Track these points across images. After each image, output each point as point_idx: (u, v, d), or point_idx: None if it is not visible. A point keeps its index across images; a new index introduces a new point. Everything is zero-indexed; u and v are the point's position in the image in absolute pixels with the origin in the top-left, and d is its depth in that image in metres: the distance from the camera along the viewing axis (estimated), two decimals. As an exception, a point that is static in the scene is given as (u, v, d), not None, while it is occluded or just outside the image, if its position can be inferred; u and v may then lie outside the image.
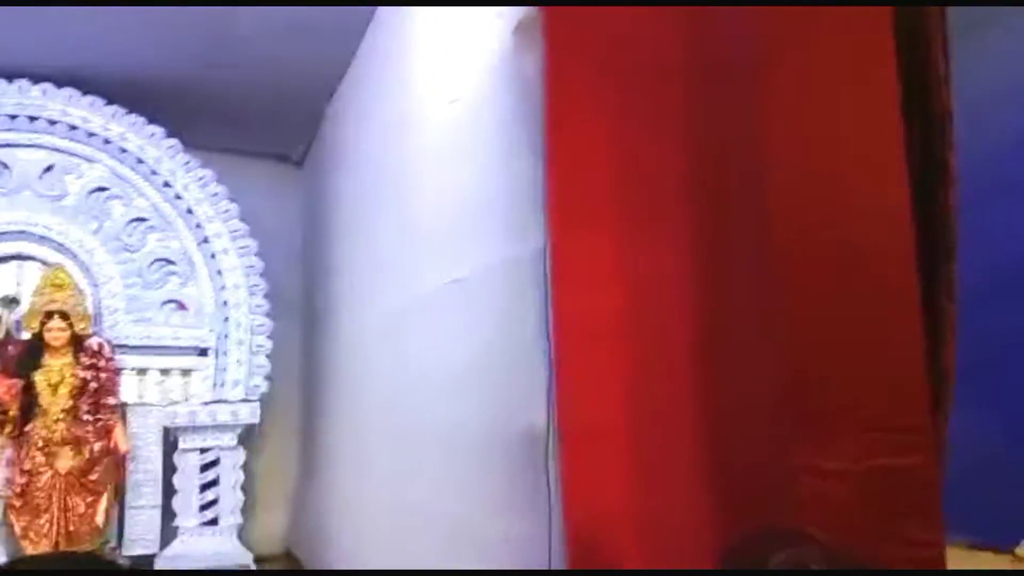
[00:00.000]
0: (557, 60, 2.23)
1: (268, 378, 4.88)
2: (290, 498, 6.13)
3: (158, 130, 4.80)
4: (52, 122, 4.57)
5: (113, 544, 4.44)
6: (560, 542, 2.04)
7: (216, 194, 4.87)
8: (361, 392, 4.27)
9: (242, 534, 5.06)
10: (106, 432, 4.31)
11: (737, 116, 1.94)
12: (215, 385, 4.69)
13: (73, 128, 4.62)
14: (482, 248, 2.63)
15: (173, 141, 4.82)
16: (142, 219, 4.76)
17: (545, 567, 2.06)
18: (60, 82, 4.59)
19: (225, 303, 4.79)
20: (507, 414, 2.41)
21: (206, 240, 4.81)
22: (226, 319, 4.77)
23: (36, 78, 4.54)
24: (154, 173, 4.76)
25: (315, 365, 5.74)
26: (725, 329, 2.02)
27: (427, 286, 3.12)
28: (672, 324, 2.07)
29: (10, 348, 4.30)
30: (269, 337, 4.92)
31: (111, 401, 4.37)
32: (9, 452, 4.17)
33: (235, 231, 4.88)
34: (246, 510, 5.66)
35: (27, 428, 4.21)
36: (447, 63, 3.06)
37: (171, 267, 4.78)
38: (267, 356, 4.87)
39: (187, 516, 4.51)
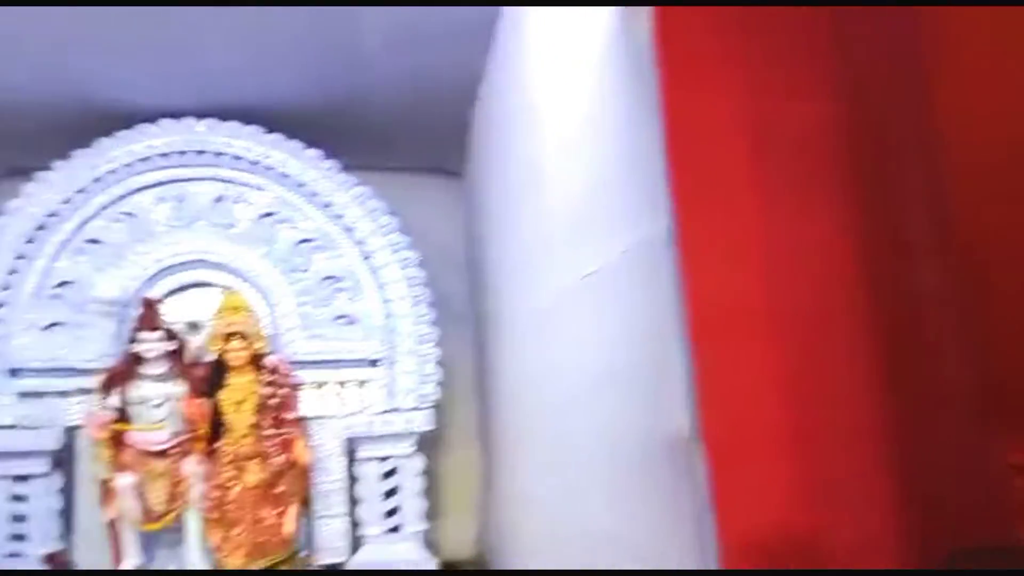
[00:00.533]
0: (672, 29, 1.99)
1: (439, 385, 4.90)
2: (477, 503, 6.17)
3: (315, 153, 4.97)
4: (218, 154, 4.85)
5: (305, 554, 4.62)
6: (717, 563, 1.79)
7: (375, 210, 4.97)
8: (519, 398, 4.18)
9: (432, 538, 5.13)
10: (288, 445, 4.50)
11: (900, 74, 1.63)
12: (388, 395, 4.77)
13: (238, 158, 4.87)
14: (610, 237, 2.42)
15: (330, 163, 4.97)
16: (308, 240, 4.93)
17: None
18: (223, 116, 4.87)
19: (391, 315, 4.86)
20: (647, 420, 2.18)
21: (368, 256, 4.90)
22: (393, 330, 4.84)
23: (200, 114, 4.84)
24: (315, 195, 4.93)
25: (486, 371, 5.73)
26: (900, 316, 1.69)
27: (564, 283, 2.95)
28: (831, 310, 1.76)
29: (196, 370, 4.59)
30: (437, 345, 4.93)
31: (291, 415, 4.56)
32: (202, 468, 4.44)
33: (395, 244, 4.94)
34: (435, 515, 5.78)
35: (217, 445, 4.50)
36: (563, 51, 2.88)
37: (338, 284, 4.92)
38: (437, 363, 4.89)
39: (372, 524, 4.62)
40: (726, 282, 1.86)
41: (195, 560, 4.38)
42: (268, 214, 4.92)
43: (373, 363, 4.81)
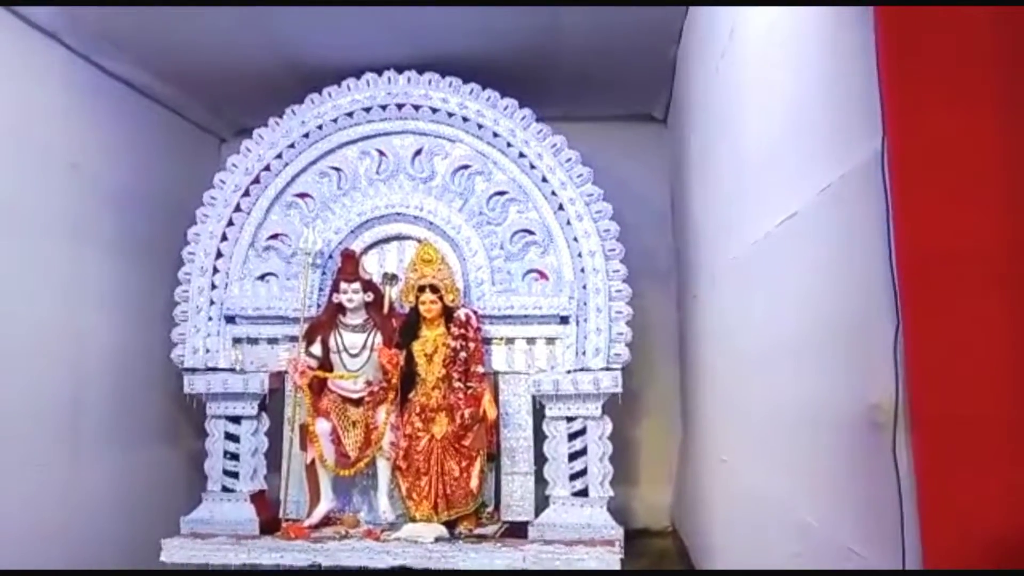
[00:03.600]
0: None
1: (633, 346, 4.61)
2: (674, 471, 5.86)
3: (511, 103, 4.82)
4: (416, 107, 4.85)
5: (491, 509, 4.58)
6: (918, 563, 1.40)
7: (569, 160, 4.74)
8: (719, 361, 3.80)
9: (624, 505, 4.92)
10: (475, 400, 4.44)
11: None
12: (577, 353, 4.56)
13: (435, 111, 4.84)
14: (810, 174, 2.01)
15: (525, 112, 4.80)
16: (502, 192, 4.81)
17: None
18: (421, 68, 4.85)
19: (583, 270, 4.64)
20: (846, 393, 1.78)
21: (561, 208, 4.70)
22: (584, 286, 4.62)
23: (400, 68, 4.86)
24: (509, 146, 4.79)
25: (686, 332, 5.37)
26: None
27: (760, 231, 2.55)
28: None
29: (393, 321, 4.65)
30: (634, 303, 4.64)
31: (479, 370, 4.50)
32: (393, 418, 4.50)
33: (589, 196, 4.69)
34: (629, 481, 5.56)
35: (409, 396, 4.54)
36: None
37: (530, 237, 4.76)
38: (630, 323, 4.60)
39: (558, 485, 4.47)
40: (950, 220, 1.42)
41: (384, 506, 4.47)
42: (464, 167, 4.85)
43: (563, 320, 4.61)
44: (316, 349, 4.63)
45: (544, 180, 4.72)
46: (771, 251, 2.45)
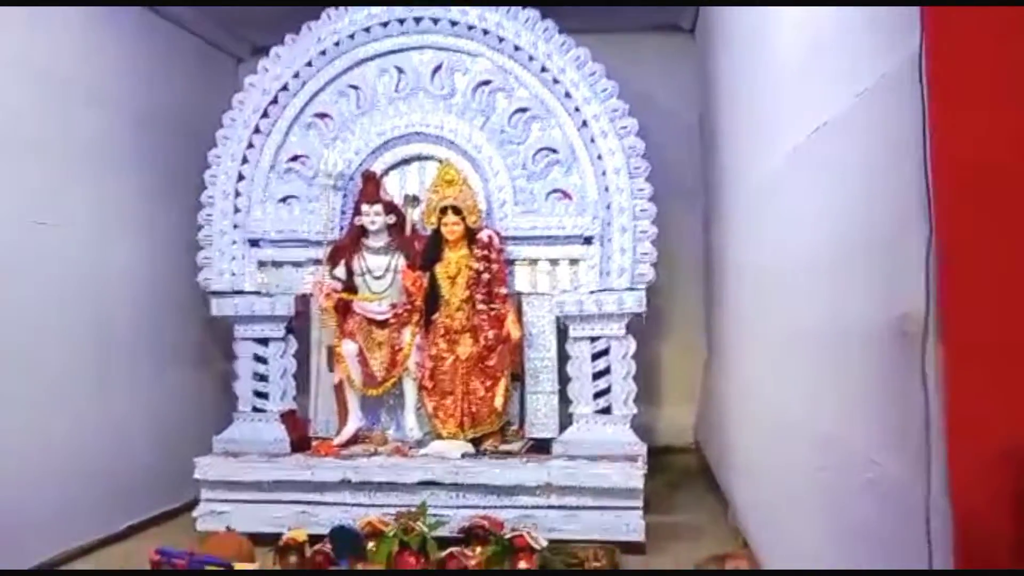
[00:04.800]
0: None
1: (659, 265, 4.56)
2: (697, 390, 5.87)
3: (532, 14, 4.66)
4: (435, 20, 4.70)
5: (516, 427, 4.63)
6: (943, 478, 1.38)
7: (593, 74, 4.60)
8: (744, 279, 3.75)
9: (647, 424, 4.96)
10: (499, 321, 4.44)
11: None
12: (601, 274, 4.52)
13: (454, 24, 4.70)
14: (844, 80, 1.92)
15: (547, 23, 4.65)
16: (524, 109, 4.70)
17: (923, 509, 1.42)
18: (439, -19, 4.69)
19: (607, 189, 4.55)
20: (877, 307, 1.73)
21: (585, 124, 4.59)
22: (608, 206, 4.54)
23: (417, -19, 4.71)
24: (531, 59, 4.65)
25: (711, 251, 5.30)
26: None
27: (791, 141, 2.46)
28: None
29: (416, 244, 4.63)
30: (659, 222, 4.56)
31: (502, 291, 4.49)
32: (419, 339, 4.53)
33: (614, 111, 4.57)
34: (652, 400, 5.59)
35: (433, 317, 4.55)
36: None
37: (554, 156, 4.67)
38: (655, 242, 4.54)
39: (581, 403, 4.49)
40: (991, 128, 1.34)
41: (411, 424, 4.54)
42: (484, 83, 4.74)
43: (587, 240, 4.56)
44: (340, 272, 4.64)
45: (567, 96, 4.60)
46: (801, 163, 2.37)
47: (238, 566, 3.50)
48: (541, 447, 4.45)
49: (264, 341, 4.78)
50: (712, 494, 4.81)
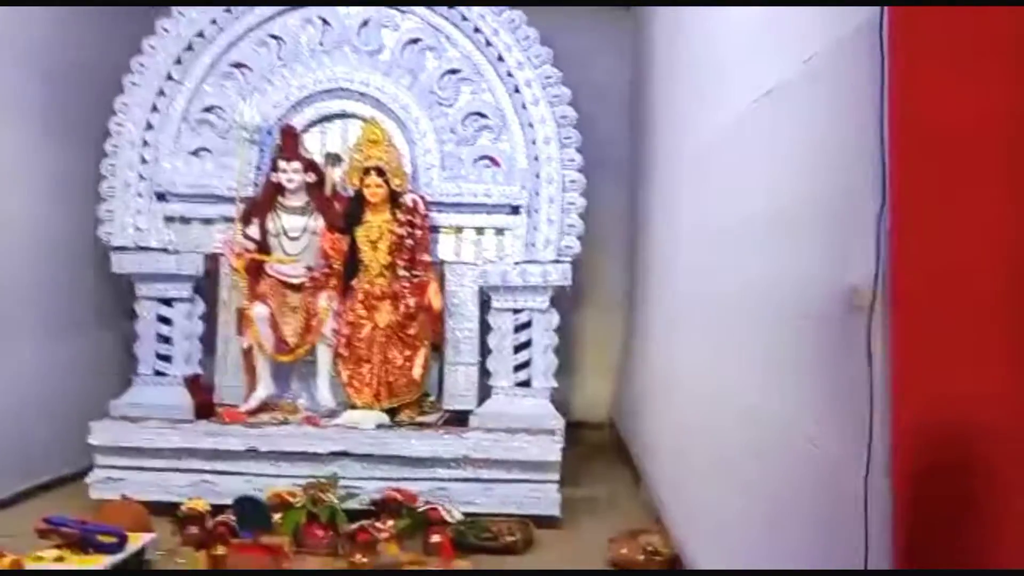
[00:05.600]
0: None
1: (584, 239, 4.49)
2: (614, 366, 5.88)
3: (467, -28, 4.50)
4: (366, -28, 4.49)
5: (433, 398, 4.52)
6: (884, 457, 1.34)
7: (527, 38, 4.48)
8: (672, 253, 3.72)
9: (564, 398, 4.91)
10: (421, 289, 4.31)
11: None
12: (527, 245, 4.43)
13: (386, -22, 4.50)
14: (794, 42, 1.86)
15: (482, -16, 4.49)
16: (454, 71, 4.55)
17: (860, 489, 1.37)
18: (369, -70, 4.46)
19: (536, 158, 4.45)
20: (819, 274, 1.69)
21: (517, 90, 4.47)
22: (537, 175, 4.44)
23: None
24: (464, 19, 4.49)
25: (637, 226, 5.28)
26: None
27: (732, 111, 2.41)
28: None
29: (336, 205, 4.44)
30: (587, 195, 4.49)
31: (426, 258, 4.35)
32: (335, 305, 4.35)
33: (547, 78, 4.46)
34: (571, 376, 5.56)
35: (351, 283, 4.38)
36: None
37: (483, 121, 4.54)
38: (583, 215, 4.46)
39: (501, 376, 4.41)
40: (952, 95, 1.29)
41: (325, 393, 4.37)
42: (414, 40, 4.56)
43: (514, 210, 4.46)
44: (253, 231, 4.40)
45: (500, 59, 4.47)
46: (743, 132, 2.32)
47: (132, 536, 3.29)
48: (458, 419, 4.35)
49: (169, 301, 4.51)
50: (625, 469, 4.82)
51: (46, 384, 4.49)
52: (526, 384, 4.40)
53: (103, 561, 3.08)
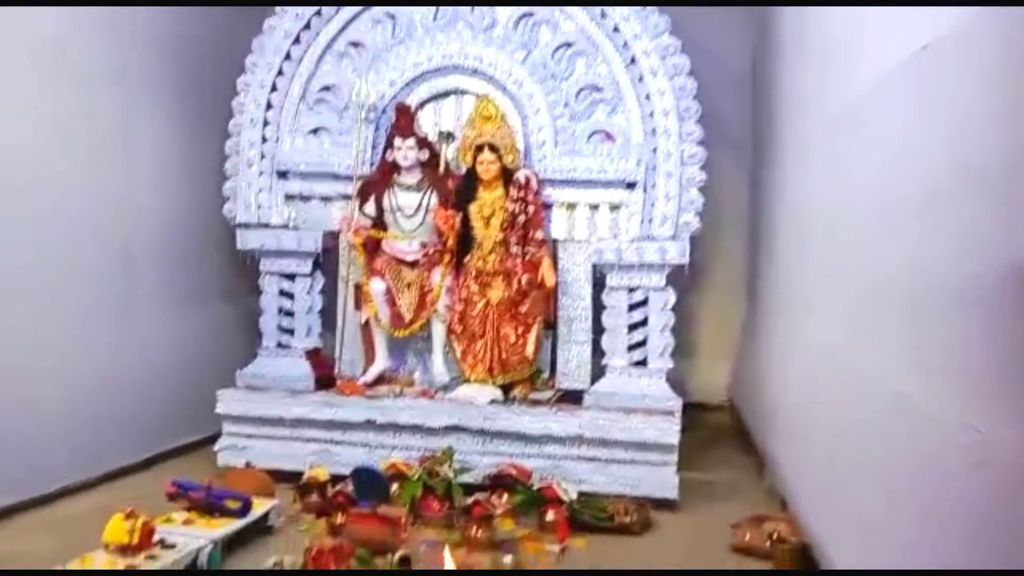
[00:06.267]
0: None
1: (703, 215, 4.33)
2: (734, 347, 5.69)
3: (582, -57, 4.38)
4: (480, -53, 4.45)
5: (546, 376, 4.48)
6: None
7: (644, 8, 4.33)
8: (803, 230, 3.53)
9: (681, 379, 4.79)
10: (533, 266, 4.27)
11: None
12: (643, 221, 4.31)
13: (498, -50, 4.44)
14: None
15: (598, -47, 4.37)
16: (568, 44, 4.45)
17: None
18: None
19: (653, 131, 4.31)
20: (984, 249, 1.53)
21: (633, 61, 4.33)
22: (654, 149, 4.31)
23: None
24: (579, -9, 4.39)
25: (761, 202, 5.06)
26: None
27: (874, 74, 2.22)
28: None
29: (449, 182, 4.44)
30: (703, 168, 4.32)
31: (538, 235, 4.30)
32: (449, 281, 4.36)
33: (665, 48, 4.30)
34: (688, 356, 5.42)
35: (465, 259, 4.38)
36: None
37: (598, 95, 4.43)
38: (700, 190, 4.30)
39: (615, 355, 4.32)
40: None
41: (439, 367, 4.40)
42: (527, 15, 4.48)
43: (630, 186, 4.33)
44: (370, 208, 4.47)
45: (616, 30, 4.34)
46: (888, 97, 2.14)
47: (256, 502, 3.41)
48: (571, 397, 4.29)
49: (291, 276, 4.64)
50: (747, 454, 4.65)
51: (178, 353, 4.72)
52: (641, 364, 4.30)
53: (228, 525, 3.20)
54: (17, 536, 3.33)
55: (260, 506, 3.42)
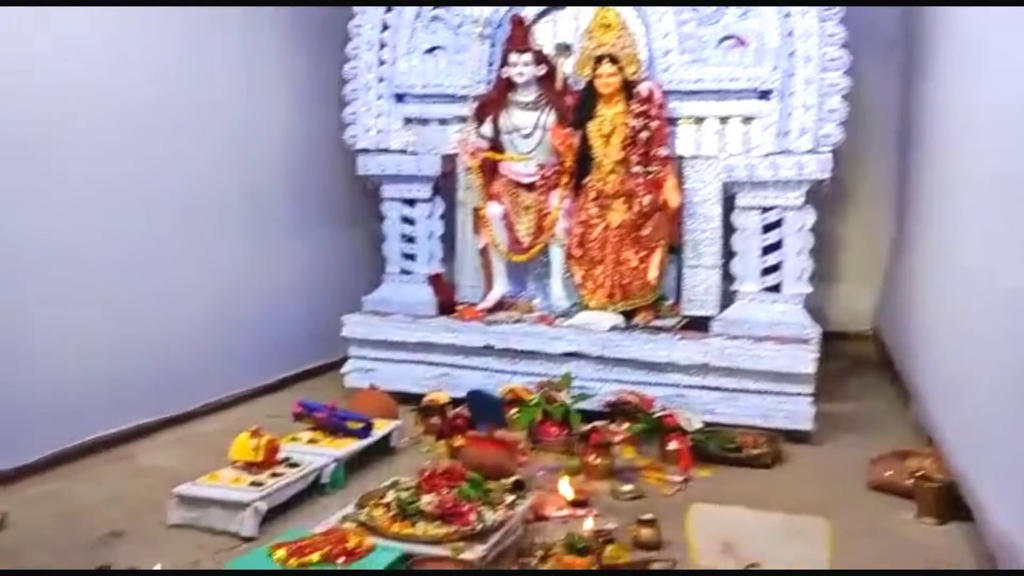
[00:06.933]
0: None
1: (846, 125, 3.92)
2: (880, 272, 5.25)
3: None
4: None
5: (671, 302, 4.27)
6: None
7: None
8: (963, 137, 3.12)
9: (819, 305, 4.48)
10: (656, 185, 4.03)
11: None
12: (778, 134, 3.96)
13: None
14: None
15: None
16: (695, -60, 4.09)
17: None
18: None
19: (791, 34, 3.92)
20: None
21: (767, -45, 3.93)
22: (791, 54, 3.92)
23: None
24: None
25: (912, 112, 4.56)
26: None
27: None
28: None
29: (567, 98, 4.24)
30: (847, 74, 3.89)
31: (662, 152, 4.05)
32: (567, 203, 4.20)
33: (804, -61, 3.87)
34: (829, 282, 5.07)
35: (584, 180, 4.19)
36: None
37: (728, -4, 4.06)
38: (843, 98, 3.89)
39: (747, 280, 4.05)
40: None
41: (558, 293, 4.29)
42: (649, -88, 4.14)
43: (763, 95, 3.98)
44: (486, 129, 4.34)
45: (747, -80, 3.94)
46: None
47: (378, 423, 3.45)
48: (698, 325, 4.08)
49: (411, 202, 4.62)
50: (891, 385, 4.31)
51: (305, 281, 4.84)
52: (775, 290, 4.01)
53: (351, 445, 3.25)
54: (157, 451, 3.54)
55: (382, 427, 3.47)
